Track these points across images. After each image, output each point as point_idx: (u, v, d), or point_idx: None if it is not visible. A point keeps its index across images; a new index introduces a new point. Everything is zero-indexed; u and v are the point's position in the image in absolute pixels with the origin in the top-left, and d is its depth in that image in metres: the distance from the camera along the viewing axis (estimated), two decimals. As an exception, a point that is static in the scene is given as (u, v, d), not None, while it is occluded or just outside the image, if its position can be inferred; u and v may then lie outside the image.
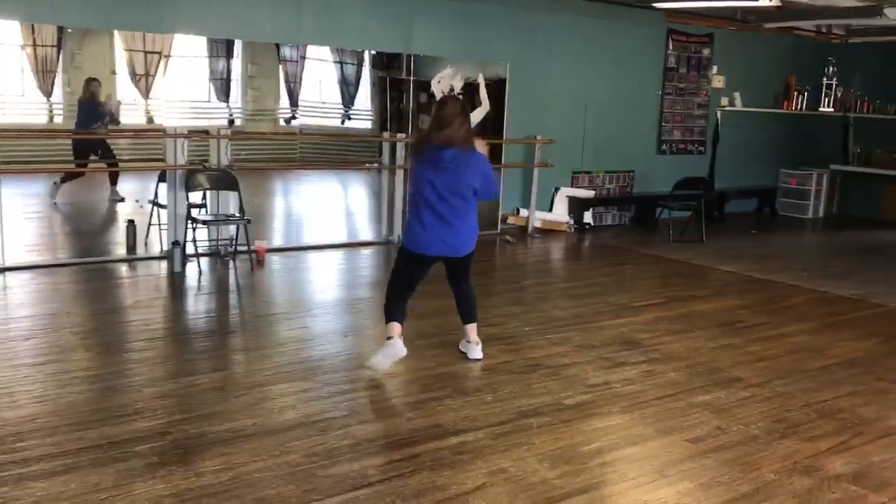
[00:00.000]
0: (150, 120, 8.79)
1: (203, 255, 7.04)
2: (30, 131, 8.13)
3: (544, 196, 9.50)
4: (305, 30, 7.84)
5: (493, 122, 9.12)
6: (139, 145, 8.58)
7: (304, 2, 7.64)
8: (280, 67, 10.74)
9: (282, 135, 9.69)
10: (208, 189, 7.13)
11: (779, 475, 3.44)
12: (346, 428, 3.76)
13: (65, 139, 8.12)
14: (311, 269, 7.35)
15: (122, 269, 6.83)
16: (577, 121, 9.64)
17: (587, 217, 9.80)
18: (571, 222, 9.61)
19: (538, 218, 9.37)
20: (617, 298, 6.45)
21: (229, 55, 9.02)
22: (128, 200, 8.62)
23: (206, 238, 7.23)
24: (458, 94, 8.86)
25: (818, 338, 5.62)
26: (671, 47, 10.42)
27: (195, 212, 7.01)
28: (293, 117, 10.37)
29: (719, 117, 10.99)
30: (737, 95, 11.06)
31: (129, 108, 9.14)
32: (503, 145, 9.17)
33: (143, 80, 9.19)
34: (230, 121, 9.03)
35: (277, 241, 8.17)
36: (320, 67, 11.59)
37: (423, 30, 8.40)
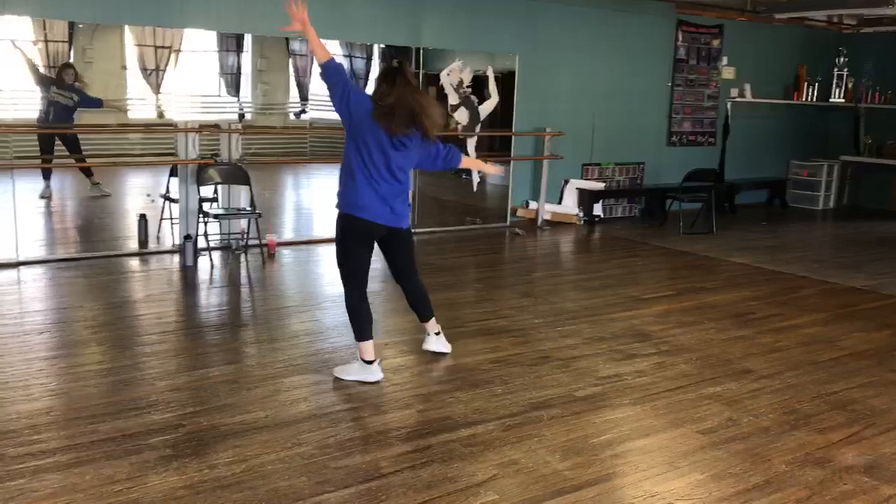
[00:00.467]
0: (161, 115, 8.81)
1: (214, 249, 7.08)
2: (42, 127, 8.17)
3: (554, 188, 9.50)
4: (315, 24, 7.81)
5: (502, 115, 9.12)
6: (150, 140, 8.61)
7: (313, -5, 7.63)
8: (290, 61, 10.76)
9: (292, 129, 9.71)
10: (219, 183, 7.16)
11: (790, 466, 3.44)
12: (358, 420, 3.78)
13: (80, 133, 8.14)
14: (322, 263, 7.37)
15: (135, 264, 6.87)
16: (587, 113, 9.62)
17: (597, 209, 9.78)
18: (581, 214, 9.60)
19: (547, 210, 9.37)
20: (627, 290, 6.44)
21: (239, 50, 9.04)
22: (140, 195, 8.66)
23: (218, 232, 7.26)
24: (468, 87, 8.87)
25: (829, 329, 5.61)
26: (681, 38, 10.37)
27: (206, 206, 7.04)
28: (303, 111, 10.37)
29: (729, 109, 10.95)
30: (747, 87, 11.00)
31: (140, 104, 9.18)
32: (512, 138, 9.16)
33: (154, 75, 9.22)
34: (240, 115, 9.05)
35: (288, 235, 8.20)
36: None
37: (432, 22, 8.39)
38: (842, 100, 11.32)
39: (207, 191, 7.21)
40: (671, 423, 3.87)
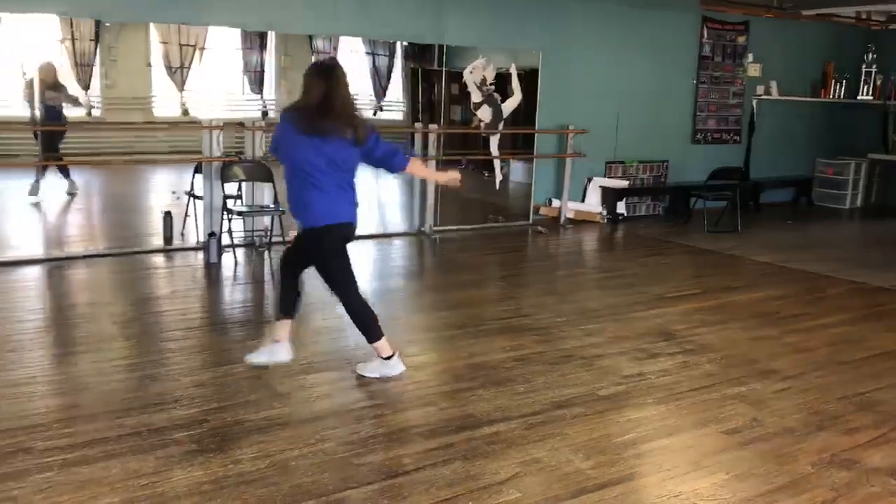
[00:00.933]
0: (185, 112, 8.89)
1: (238, 246, 7.12)
2: (69, 123, 8.27)
3: (577, 186, 9.46)
4: (338, 21, 7.86)
5: (525, 112, 9.10)
6: (175, 138, 8.69)
7: (337, -7, 7.66)
8: (313, 59, 10.76)
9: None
10: (244, 180, 7.20)
11: (816, 468, 3.41)
12: (381, 417, 3.79)
13: (106, 131, 8.24)
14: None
15: (160, 260, 6.93)
16: (610, 110, 9.57)
17: (620, 207, 9.73)
18: (604, 213, 9.55)
19: (570, 208, 9.33)
20: (651, 289, 6.40)
21: (263, 47, 9.09)
22: (165, 192, 8.73)
23: (242, 229, 7.31)
24: (491, 84, 8.86)
25: (856, 329, 5.54)
26: (706, 35, 10.29)
27: (230, 203, 7.09)
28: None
29: (755, 106, 10.84)
30: (773, 84, 10.89)
31: (165, 101, 9.25)
32: (535, 135, 9.14)
33: (179, 73, 9.30)
34: (264, 112, 9.10)
35: (311, 232, 8.22)
36: (353, 59, 11.61)
37: (456, 20, 8.38)
38: (870, 97, 11.17)
39: (231, 188, 7.25)
40: (695, 423, 3.84)
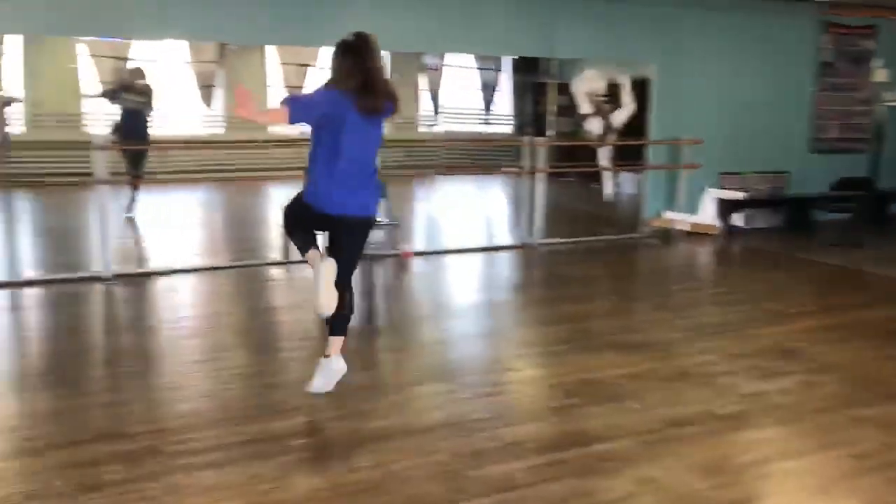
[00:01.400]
0: (302, 130, 9.19)
1: (351, 259, 7.29)
2: (193, 142, 8.70)
3: (690, 198, 9.23)
4: (448, 38, 7.97)
5: (637, 123, 8.96)
6: (292, 155, 8.99)
7: (447, 10, 7.77)
8: (422, 75, 10.95)
9: (425, 141, 9.90)
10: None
11: (956, 498, 3.20)
12: (492, 430, 3.80)
13: (227, 149, 8.62)
14: (453, 272, 7.46)
15: (278, 272, 7.18)
16: (726, 120, 9.30)
17: (736, 219, 9.43)
18: (720, 225, 9.28)
19: (684, 221, 9.11)
20: (770, 305, 6.17)
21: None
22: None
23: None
24: (602, 96, 8.78)
25: None
26: (827, 41, 9.86)
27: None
28: (435, 124, 10.54)
29: (883, 113, 10.30)
30: (903, 89, 10.33)
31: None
32: (647, 146, 8.98)
33: (296, 92, 9.63)
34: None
35: (421, 245, 8.35)
36: (461, 74, 11.72)
37: (566, 33, 8.34)
38: None
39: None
40: (820, 446, 3.67)
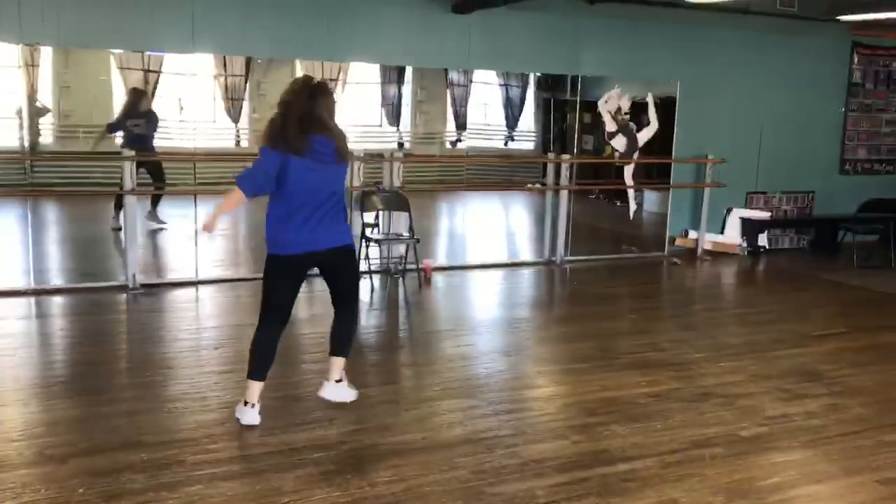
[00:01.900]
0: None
1: (375, 273, 7.31)
2: (220, 155, 8.77)
3: (715, 217, 9.17)
4: (474, 55, 8.00)
5: (662, 141, 8.92)
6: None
7: (474, 28, 7.81)
8: (448, 92, 11.02)
9: (449, 157, 9.92)
10: (381, 209, 7.41)
11: None
12: (513, 447, 3.78)
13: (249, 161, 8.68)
14: (475, 288, 7.46)
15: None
16: (752, 139, 9.24)
17: (762, 240, 9.35)
18: (744, 245, 9.20)
19: (708, 240, 9.04)
20: (795, 326, 6.10)
21: (400, 81, 9.36)
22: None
23: (378, 256, 7.50)
24: (627, 114, 8.76)
25: None
26: (856, 61, 9.80)
27: (368, 231, 7.30)
28: (459, 139, 10.57)
29: (912, 134, 10.19)
30: (932, 111, 10.22)
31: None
32: (672, 165, 8.94)
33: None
34: (400, 144, 9.35)
35: (442, 260, 8.36)
36: (486, 90, 11.78)
37: (591, 51, 8.35)
38: None
39: (370, 216, 7.47)
40: (846, 471, 3.62)
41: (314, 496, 3.23)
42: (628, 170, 8.91)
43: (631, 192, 9.04)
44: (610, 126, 8.71)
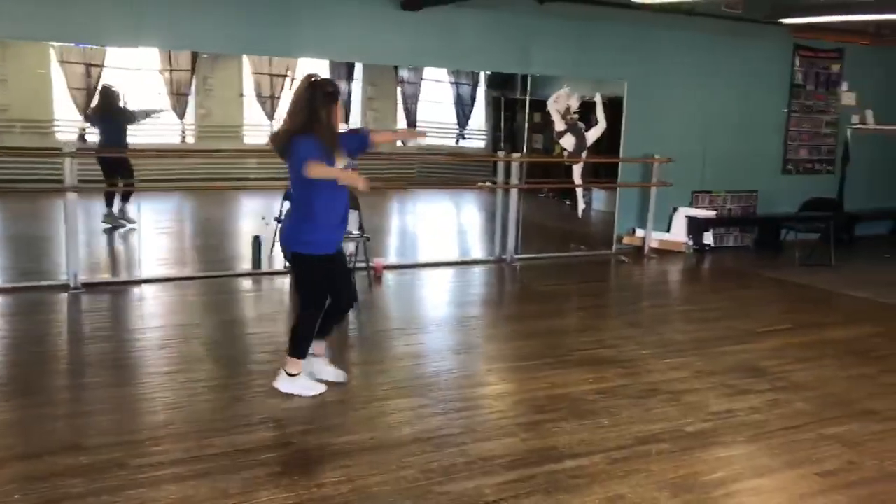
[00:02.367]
0: (275, 140, 9.14)
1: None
2: (165, 151, 8.61)
3: (662, 216, 9.30)
4: (424, 52, 7.98)
5: (609, 141, 9.02)
6: (265, 165, 8.94)
7: (423, 25, 7.78)
8: (398, 89, 10.96)
9: (400, 155, 9.89)
10: (329, 207, 7.33)
11: (920, 516, 3.23)
12: (462, 446, 3.78)
13: (198, 158, 8.54)
14: (426, 286, 7.44)
15: (247, 284, 7.11)
16: (697, 139, 9.40)
17: (707, 238, 9.52)
18: (690, 243, 9.36)
19: (655, 238, 9.17)
20: (739, 323, 6.22)
21: (350, 77, 9.30)
22: (254, 218, 8.96)
23: (326, 254, 7.43)
24: (575, 113, 8.83)
25: (962, 371, 5.25)
26: (798, 63, 10.03)
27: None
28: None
29: (850, 136, 10.48)
30: (869, 113, 10.50)
31: (255, 129, 9.54)
32: (619, 164, 9.05)
33: (269, 102, 9.59)
34: (350, 141, 9.27)
35: (393, 259, 8.32)
36: (437, 88, 11.76)
37: (540, 50, 8.39)
38: (974, 126, 10.66)
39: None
40: (788, 464, 3.70)
41: (260, 498, 3.19)
42: (577, 169, 8.98)
43: (579, 191, 9.12)
44: (559, 125, 8.77)
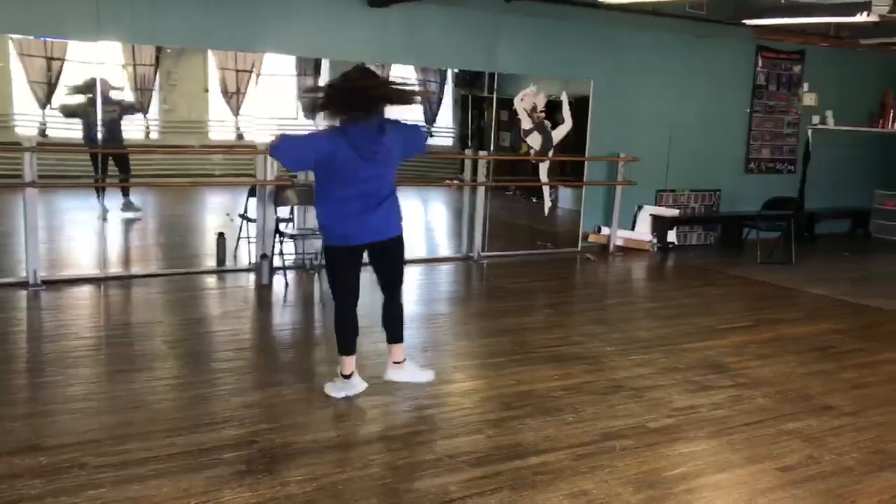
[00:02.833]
0: (240, 136, 9.06)
1: (289, 268, 7.19)
2: (129, 146, 8.47)
3: (627, 214, 9.38)
4: (391, 49, 7.96)
5: (575, 140, 9.07)
6: (230, 161, 8.85)
7: (391, 22, 7.77)
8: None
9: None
10: (296, 204, 7.29)
11: (876, 509, 3.30)
12: (428, 443, 3.78)
13: (163, 154, 8.43)
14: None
15: (212, 281, 7.04)
16: (662, 138, 9.49)
17: (671, 236, 9.62)
18: (654, 241, 9.45)
19: (620, 236, 9.25)
20: (702, 320, 6.30)
21: (317, 73, 9.23)
22: (219, 214, 8.88)
23: (293, 251, 7.39)
24: (542, 112, 8.87)
25: (917, 366, 5.37)
26: (760, 64, 10.18)
27: (282, 226, 7.18)
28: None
29: (810, 136, 10.66)
30: (829, 114, 10.70)
31: (221, 125, 9.43)
32: (585, 163, 9.10)
33: (234, 98, 9.49)
34: (317, 137, 9.21)
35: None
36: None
37: (508, 48, 8.42)
38: (931, 128, 10.91)
39: (284, 211, 7.35)
40: (748, 459, 3.75)
41: (223, 497, 3.15)
42: (543, 167, 9.03)
43: (546, 189, 9.17)
44: (526, 124, 8.80)
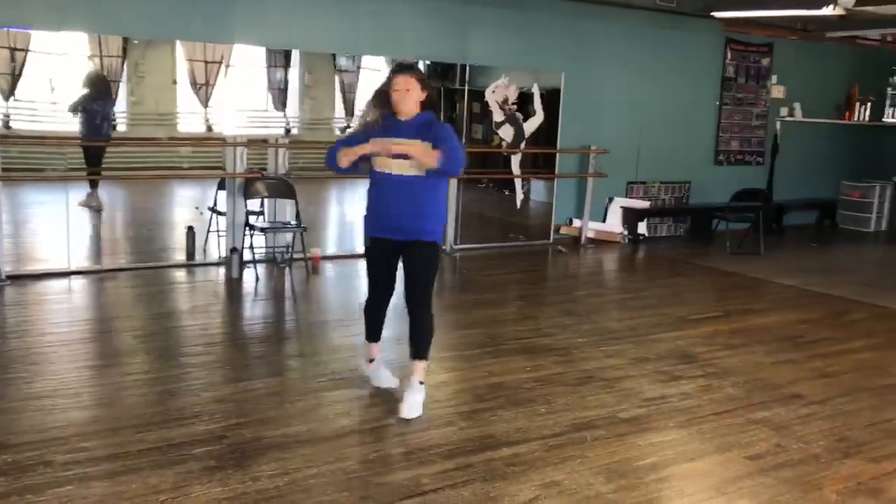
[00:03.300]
0: (210, 128, 8.96)
1: (260, 262, 7.14)
2: (96, 140, 8.35)
3: (598, 206, 9.43)
4: (362, 41, 7.92)
5: (547, 132, 9.09)
6: (199, 154, 8.75)
7: (361, 12, 7.72)
8: (336, 78, 10.86)
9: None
10: (266, 197, 7.24)
11: (842, 496, 3.35)
12: (400, 436, 3.78)
13: (132, 146, 8.33)
14: (365, 277, 7.38)
15: (181, 275, 6.96)
16: (633, 130, 9.55)
17: (641, 228, 9.68)
18: (625, 233, 9.51)
19: (591, 228, 9.29)
20: (673, 311, 6.35)
21: (287, 65, 9.16)
22: (188, 208, 8.79)
23: (263, 245, 7.33)
24: (513, 104, 8.87)
25: (883, 355, 5.46)
26: (729, 57, 10.26)
27: (253, 219, 7.12)
28: (348, 126, 10.43)
29: (778, 128, 10.78)
30: (797, 106, 10.82)
31: (189, 117, 9.32)
32: (557, 155, 9.13)
33: (203, 90, 9.38)
34: (287, 130, 9.15)
35: (331, 249, 8.25)
36: (376, 77, 11.66)
37: (479, 39, 8.41)
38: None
39: (254, 204, 7.29)
40: (718, 448, 3.79)
41: (193, 493, 3.13)
42: (515, 159, 9.04)
43: (518, 182, 9.18)
44: (497, 116, 8.80)
